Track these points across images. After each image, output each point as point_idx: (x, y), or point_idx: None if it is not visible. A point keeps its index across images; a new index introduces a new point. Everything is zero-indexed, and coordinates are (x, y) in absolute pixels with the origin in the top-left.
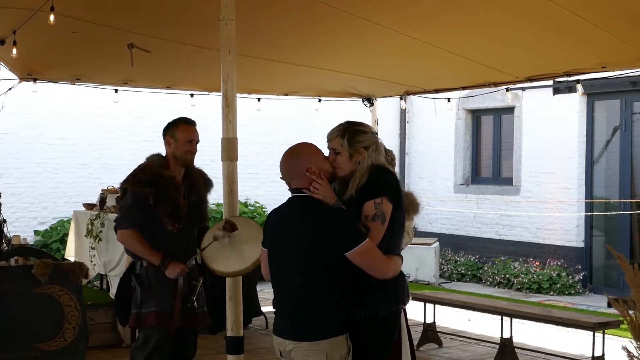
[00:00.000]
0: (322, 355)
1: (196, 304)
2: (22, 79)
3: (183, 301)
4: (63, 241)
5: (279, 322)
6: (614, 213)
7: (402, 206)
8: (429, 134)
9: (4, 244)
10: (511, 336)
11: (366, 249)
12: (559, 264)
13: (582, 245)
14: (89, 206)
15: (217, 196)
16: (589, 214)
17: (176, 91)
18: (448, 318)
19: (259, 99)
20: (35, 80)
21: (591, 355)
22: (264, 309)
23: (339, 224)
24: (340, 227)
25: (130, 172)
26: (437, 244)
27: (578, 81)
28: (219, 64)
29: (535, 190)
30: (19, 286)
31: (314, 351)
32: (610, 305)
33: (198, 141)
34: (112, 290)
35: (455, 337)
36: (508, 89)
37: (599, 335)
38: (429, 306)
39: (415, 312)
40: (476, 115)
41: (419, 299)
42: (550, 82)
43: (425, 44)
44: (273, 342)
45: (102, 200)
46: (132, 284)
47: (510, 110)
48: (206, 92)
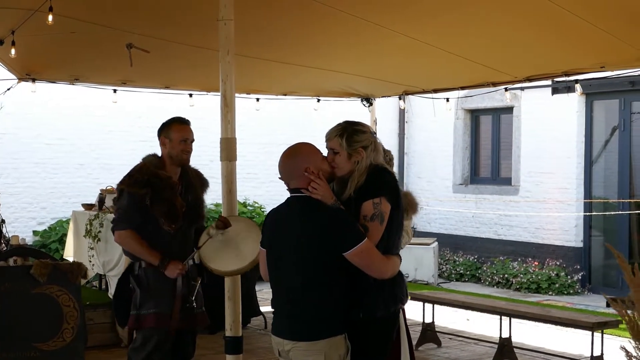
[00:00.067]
0: (321, 355)
1: (195, 304)
2: (20, 79)
3: (182, 301)
4: (62, 241)
5: (277, 322)
6: (612, 213)
7: (401, 206)
8: (427, 133)
9: (3, 244)
10: (510, 336)
11: (365, 249)
12: (557, 263)
13: (580, 245)
14: (88, 206)
15: (216, 196)
16: (587, 214)
17: (175, 91)
18: (447, 318)
19: (257, 99)
20: (33, 81)
21: (590, 355)
22: (263, 308)
23: (338, 224)
24: (338, 227)
25: (126, 173)
26: (436, 244)
27: (577, 81)
28: (217, 64)
29: (534, 190)
30: (17, 286)
31: (312, 351)
32: (609, 305)
33: (193, 140)
34: (111, 291)
35: (454, 337)
36: (507, 89)
37: (597, 335)
38: (428, 306)
39: (414, 312)
40: (475, 115)
41: (417, 299)
42: (549, 82)
43: (423, 44)
44: (272, 342)
45: (101, 200)
46: (131, 285)
47: (509, 110)
48: (205, 92)
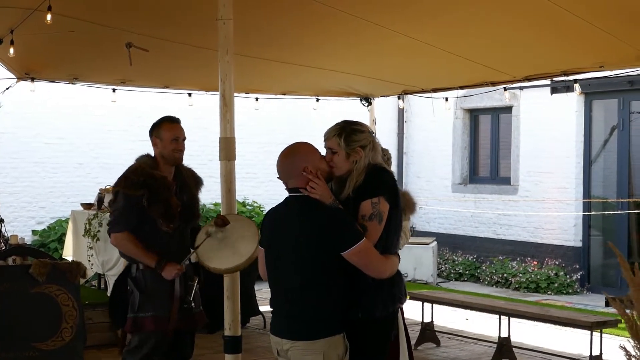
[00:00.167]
0: (320, 355)
1: (193, 304)
2: (19, 78)
3: (180, 302)
4: (61, 241)
5: (276, 321)
6: (611, 212)
7: (399, 205)
8: (426, 133)
9: (2, 244)
10: (509, 335)
11: (363, 248)
12: (556, 263)
13: (579, 244)
14: (87, 206)
15: (215, 196)
16: (586, 213)
17: (174, 91)
18: (446, 317)
19: (256, 99)
20: (33, 80)
21: (589, 354)
22: (262, 308)
23: (336, 223)
24: (337, 227)
25: (121, 175)
26: (435, 243)
27: (576, 80)
28: (216, 63)
29: (533, 189)
30: (16, 286)
31: (311, 350)
32: (608, 304)
33: (184, 138)
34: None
35: (453, 336)
36: (506, 89)
37: (596, 334)
38: (427, 305)
39: (413, 311)
40: (474, 114)
41: (416, 299)
42: (548, 82)
43: (423, 43)
44: (270, 342)
45: (100, 199)
46: (129, 287)
47: (508, 109)
48: (204, 92)
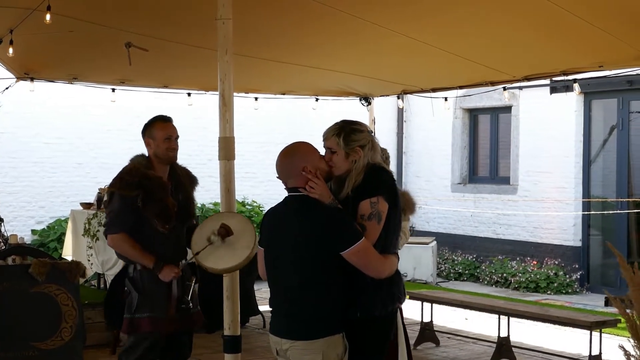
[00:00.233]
0: (319, 354)
1: (191, 304)
2: (19, 78)
3: (177, 302)
4: (60, 240)
5: (275, 321)
6: (611, 212)
7: (399, 205)
8: (426, 133)
9: (1, 243)
10: (508, 335)
11: (362, 248)
12: (556, 263)
13: (579, 244)
14: (86, 205)
15: (215, 195)
16: (586, 213)
17: (173, 90)
18: (445, 317)
19: (256, 98)
20: (32, 80)
21: (588, 354)
22: (262, 308)
23: (335, 223)
24: (336, 227)
25: (116, 175)
26: (435, 243)
27: (575, 80)
28: (216, 63)
29: (532, 189)
30: (16, 285)
31: (310, 350)
32: (607, 304)
33: (177, 137)
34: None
35: (453, 336)
36: (505, 88)
37: (596, 334)
38: (427, 305)
39: (413, 311)
40: (473, 114)
41: (416, 298)
42: (548, 81)
43: (422, 43)
44: (270, 341)
45: (99, 199)
46: (126, 288)
47: (508, 109)
48: (203, 92)
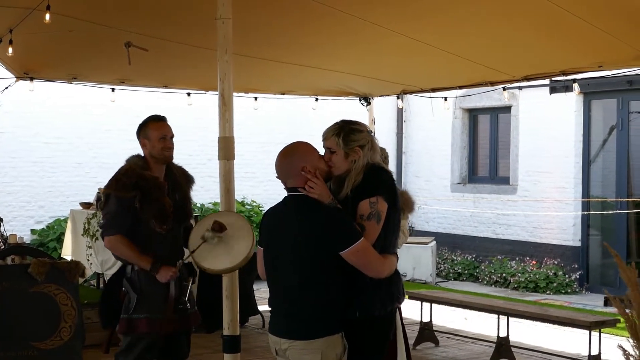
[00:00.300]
0: (318, 354)
1: (188, 305)
2: (18, 77)
3: (175, 303)
4: (60, 240)
5: (274, 320)
6: (610, 212)
7: (398, 205)
8: (426, 133)
9: (1, 243)
10: (508, 335)
11: (361, 248)
12: (555, 263)
13: (578, 244)
14: (86, 205)
15: (214, 195)
16: (585, 213)
17: (173, 90)
18: (445, 317)
19: (255, 98)
20: (31, 79)
21: (587, 354)
22: (261, 307)
23: (334, 223)
24: (335, 226)
25: (111, 177)
26: (434, 243)
27: (575, 80)
28: (215, 62)
29: (532, 189)
30: (15, 285)
31: (309, 350)
32: (606, 304)
33: (172, 136)
34: None
35: (452, 336)
36: (505, 88)
37: (595, 334)
38: (426, 305)
39: (412, 311)
40: (473, 114)
41: (415, 298)
42: (547, 81)
43: (422, 43)
44: (269, 341)
45: (99, 199)
46: (124, 289)
47: (507, 109)
48: (203, 91)
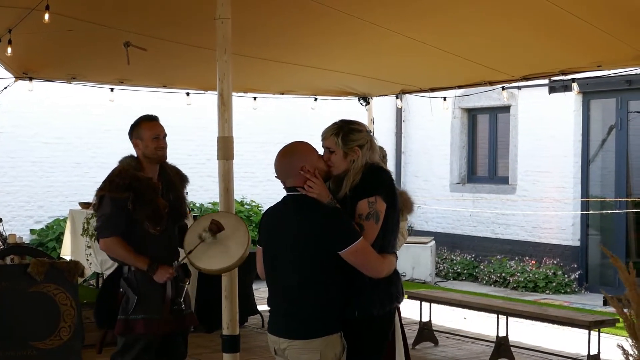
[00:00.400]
0: (317, 354)
1: (183, 306)
2: (17, 77)
3: (170, 304)
4: (59, 240)
5: (273, 320)
6: (609, 212)
7: (397, 205)
8: (425, 132)
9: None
10: (507, 335)
11: (360, 248)
12: (554, 262)
13: (578, 244)
14: (85, 205)
15: (213, 195)
16: (584, 212)
17: (172, 90)
18: (444, 317)
19: (255, 98)
20: (30, 79)
21: (587, 353)
22: (260, 307)
23: (333, 222)
24: (334, 226)
25: (105, 178)
26: (433, 242)
27: (574, 80)
28: (214, 62)
29: (531, 189)
30: (14, 285)
31: (308, 349)
32: (605, 303)
33: (165, 135)
34: None
35: (451, 335)
36: (504, 88)
37: (594, 333)
38: (425, 305)
39: (411, 310)
40: (472, 114)
41: (415, 298)
42: (546, 81)
43: (421, 43)
44: (268, 341)
45: None
46: (122, 289)
47: (506, 109)
48: (202, 91)
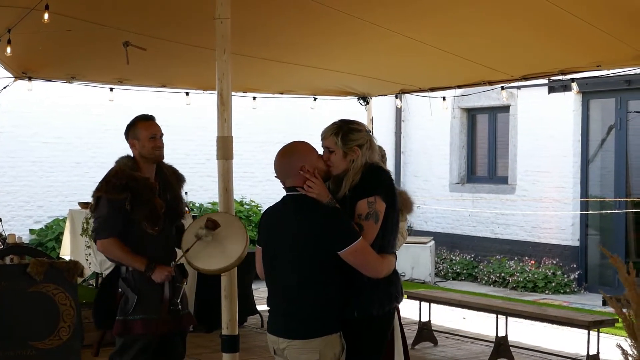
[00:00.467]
0: (316, 354)
1: (180, 306)
2: (17, 77)
3: (168, 304)
4: (58, 240)
5: (273, 320)
6: (609, 212)
7: (396, 205)
8: (424, 132)
9: None
10: (506, 335)
11: (359, 248)
12: (554, 262)
13: (577, 244)
14: (85, 205)
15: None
16: (584, 212)
17: (171, 90)
18: (443, 317)
19: (254, 98)
20: (30, 79)
21: (586, 353)
22: (260, 307)
23: (333, 222)
24: (333, 226)
25: (102, 179)
26: (433, 242)
27: (573, 80)
28: (214, 62)
29: (530, 189)
30: (14, 285)
31: (307, 349)
32: (605, 303)
33: (162, 134)
34: None
35: (451, 335)
36: (503, 88)
37: (593, 333)
38: (425, 305)
39: (411, 310)
40: (471, 113)
41: (414, 298)
42: (546, 81)
43: (420, 43)
44: (267, 341)
45: None
46: (120, 289)
47: (506, 108)
48: (201, 91)
